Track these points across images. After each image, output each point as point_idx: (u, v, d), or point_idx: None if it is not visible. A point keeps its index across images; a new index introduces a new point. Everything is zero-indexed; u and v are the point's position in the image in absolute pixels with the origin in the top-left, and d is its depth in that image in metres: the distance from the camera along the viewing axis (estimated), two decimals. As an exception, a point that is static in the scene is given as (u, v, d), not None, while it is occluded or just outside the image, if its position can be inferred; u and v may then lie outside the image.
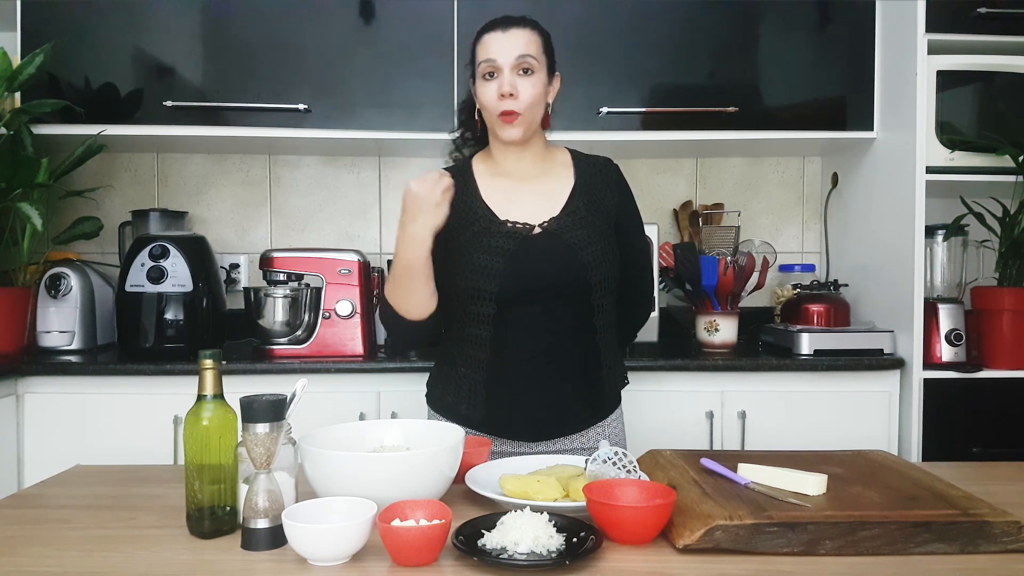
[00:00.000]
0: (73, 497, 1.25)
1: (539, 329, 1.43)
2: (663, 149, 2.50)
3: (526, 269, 1.41)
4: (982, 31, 2.06)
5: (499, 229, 1.45)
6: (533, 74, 1.43)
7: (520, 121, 1.42)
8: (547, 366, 1.44)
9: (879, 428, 2.08)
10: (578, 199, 1.49)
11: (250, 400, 1.00)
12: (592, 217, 1.47)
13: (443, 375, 1.54)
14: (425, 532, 0.93)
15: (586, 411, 1.50)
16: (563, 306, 1.43)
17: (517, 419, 1.45)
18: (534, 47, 1.44)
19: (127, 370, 1.99)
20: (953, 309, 2.10)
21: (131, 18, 2.18)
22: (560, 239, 1.44)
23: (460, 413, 1.48)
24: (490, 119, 1.46)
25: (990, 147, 2.05)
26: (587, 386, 1.48)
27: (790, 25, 2.26)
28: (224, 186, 2.61)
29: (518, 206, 1.47)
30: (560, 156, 1.56)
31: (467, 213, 1.47)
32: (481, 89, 1.45)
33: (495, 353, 1.42)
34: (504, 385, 1.45)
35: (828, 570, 0.93)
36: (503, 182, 1.51)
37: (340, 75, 2.22)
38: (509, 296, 1.39)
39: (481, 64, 1.44)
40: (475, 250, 1.43)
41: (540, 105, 1.46)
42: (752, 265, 2.24)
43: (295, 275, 2.17)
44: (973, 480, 1.23)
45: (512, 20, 1.45)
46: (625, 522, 0.99)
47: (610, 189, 1.52)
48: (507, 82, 1.41)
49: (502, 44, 1.42)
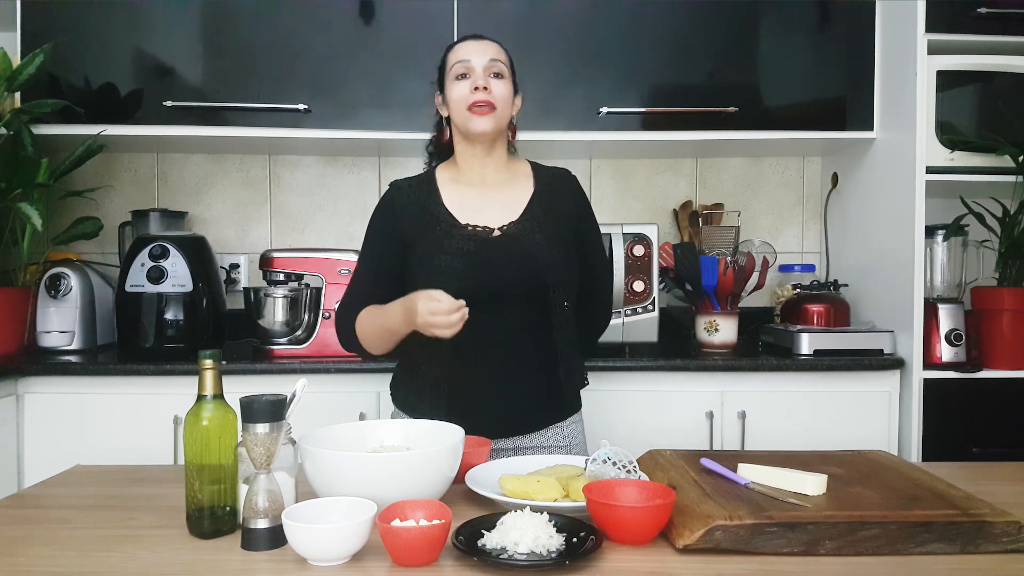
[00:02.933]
0: (73, 497, 1.25)
1: (498, 329, 1.46)
2: (663, 149, 2.50)
3: (485, 270, 1.45)
4: (982, 31, 2.06)
5: (459, 232, 1.49)
6: (503, 79, 1.51)
7: (492, 116, 1.48)
8: (505, 365, 1.48)
9: (879, 428, 2.08)
10: (537, 206, 1.54)
11: (250, 400, 1.00)
12: (550, 223, 1.52)
13: (406, 374, 1.58)
14: (425, 532, 0.93)
15: (544, 410, 1.53)
16: (522, 306, 1.47)
17: (476, 417, 1.44)
18: (504, 57, 1.54)
19: (127, 370, 1.99)
20: (953, 309, 2.10)
21: (131, 18, 2.19)
22: (518, 242, 1.49)
23: (423, 411, 1.49)
24: (460, 117, 1.51)
25: (990, 147, 2.05)
26: (544, 385, 1.51)
27: (790, 25, 2.26)
28: (224, 186, 2.61)
29: (479, 212, 1.52)
30: (521, 167, 1.61)
31: (428, 219, 1.51)
32: (452, 89, 1.51)
33: (455, 352, 1.44)
34: (465, 384, 1.48)
35: (828, 570, 0.93)
36: (465, 189, 1.56)
37: (340, 75, 2.22)
38: (468, 296, 1.39)
39: (455, 66, 1.52)
40: (436, 252, 1.47)
41: (508, 107, 1.53)
42: (752, 265, 2.24)
43: (295, 275, 2.17)
44: (973, 480, 1.23)
45: (484, 36, 1.56)
46: (625, 522, 0.99)
47: (570, 197, 1.58)
48: (480, 78, 1.49)
49: (475, 49, 1.52)
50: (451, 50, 1.56)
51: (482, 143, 1.53)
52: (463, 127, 1.51)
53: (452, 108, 1.52)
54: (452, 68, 1.52)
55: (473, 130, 1.49)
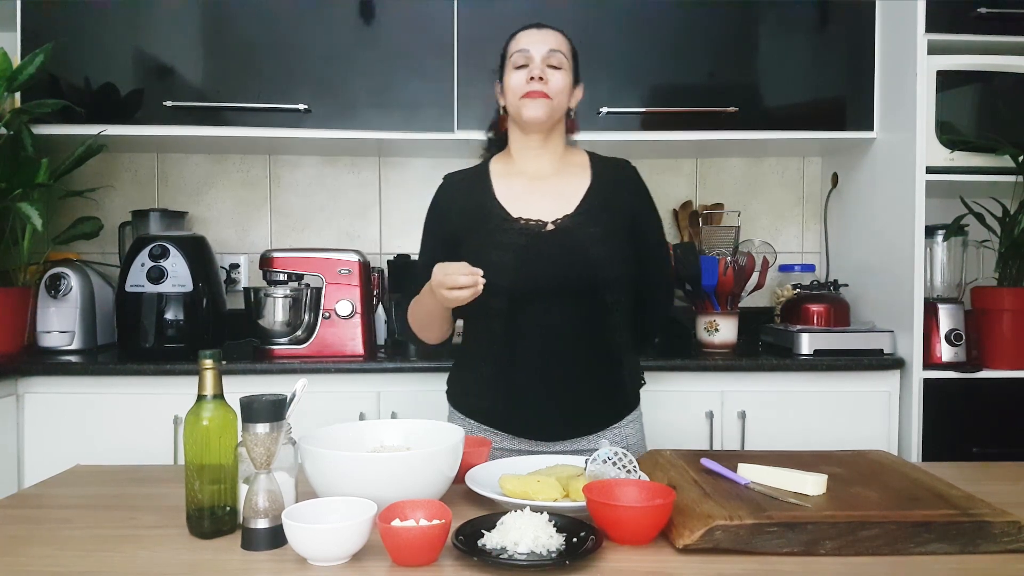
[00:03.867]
0: (73, 497, 1.25)
1: (551, 326, 1.43)
2: (663, 149, 2.50)
3: (537, 265, 1.42)
4: (982, 31, 2.06)
5: (511, 226, 1.46)
6: (562, 70, 1.48)
7: (546, 103, 1.46)
8: (560, 363, 1.44)
9: (879, 428, 2.08)
10: (593, 198, 1.50)
11: (250, 400, 1.00)
12: (606, 216, 1.48)
13: (462, 371, 1.57)
14: (425, 532, 0.93)
15: (601, 412, 1.50)
16: (575, 303, 1.44)
17: (532, 417, 1.46)
18: (565, 48, 1.51)
19: (127, 370, 1.99)
20: (953, 309, 2.10)
21: (131, 18, 2.19)
22: (572, 236, 1.45)
23: (478, 408, 1.49)
24: (515, 105, 1.49)
25: (990, 147, 2.05)
26: (602, 386, 1.48)
27: (790, 25, 2.26)
28: (224, 186, 2.61)
29: (532, 204, 1.49)
30: (578, 157, 1.58)
31: (480, 213, 1.49)
32: (510, 78, 1.49)
33: (509, 348, 1.43)
34: (519, 381, 1.45)
35: (828, 570, 0.93)
36: (519, 180, 1.53)
37: (340, 75, 2.22)
38: (520, 291, 1.39)
39: (514, 55, 1.49)
40: (487, 247, 1.45)
41: (565, 99, 1.50)
42: (752, 265, 2.24)
43: (295, 275, 2.17)
44: (973, 480, 1.23)
45: (547, 25, 1.53)
46: (625, 522, 0.99)
47: (627, 190, 1.54)
48: (538, 67, 1.46)
49: (536, 39, 1.49)
50: (512, 39, 1.53)
51: (536, 133, 1.50)
52: (516, 115, 1.49)
53: (508, 97, 1.51)
54: (512, 57, 1.50)
55: (524, 117, 1.47)
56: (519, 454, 1.42)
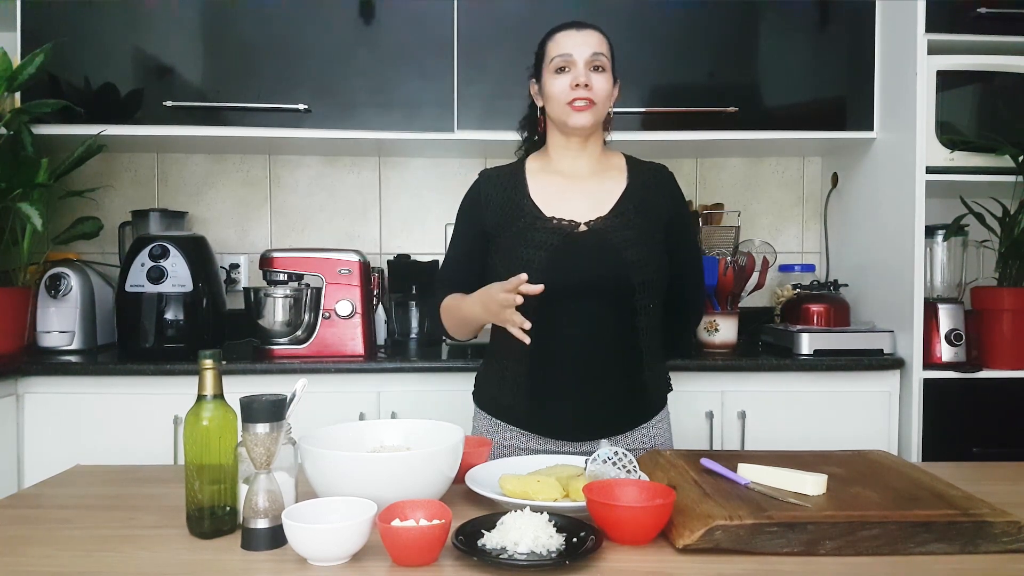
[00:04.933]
0: (73, 497, 1.25)
1: (580, 326, 1.43)
2: (663, 149, 2.49)
3: (568, 265, 1.42)
4: (982, 31, 2.06)
5: (544, 225, 1.46)
6: (604, 72, 1.47)
7: (592, 111, 1.45)
8: (588, 364, 1.44)
9: (879, 428, 2.08)
10: (628, 201, 1.50)
11: (250, 400, 1.00)
12: (640, 220, 1.48)
13: (490, 369, 1.57)
14: (425, 532, 0.93)
15: (628, 413, 1.50)
16: (605, 305, 1.44)
17: (558, 416, 1.45)
18: (605, 48, 1.49)
19: (127, 370, 1.99)
20: (953, 309, 2.10)
21: (131, 18, 2.18)
22: (605, 238, 1.45)
23: (504, 405, 1.49)
24: (557, 110, 1.47)
25: (990, 147, 2.05)
26: (629, 388, 1.48)
27: (790, 25, 2.26)
28: (224, 186, 2.61)
29: (566, 204, 1.48)
30: (615, 160, 1.57)
31: (514, 210, 1.49)
32: (551, 82, 1.47)
33: (537, 347, 1.41)
34: (546, 380, 1.45)
35: (828, 570, 0.93)
36: (554, 180, 1.52)
37: (340, 75, 2.22)
38: (550, 291, 1.39)
39: (555, 59, 1.47)
40: (518, 244, 1.45)
41: (608, 102, 1.50)
42: (752, 265, 2.24)
43: (295, 275, 2.17)
44: (973, 480, 1.22)
45: (585, 23, 1.50)
46: (625, 522, 0.99)
47: (663, 195, 1.54)
48: (582, 73, 1.44)
49: (577, 41, 1.47)
50: (551, 39, 1.50)
51: (578, 136, 1.50)
52: (560, 122, 1.48)
53: (550, 102, 1.49)
54: (552, 60, 1.47)
55: (571, 125, 1.46)
56: (545, 454, 1.42)
